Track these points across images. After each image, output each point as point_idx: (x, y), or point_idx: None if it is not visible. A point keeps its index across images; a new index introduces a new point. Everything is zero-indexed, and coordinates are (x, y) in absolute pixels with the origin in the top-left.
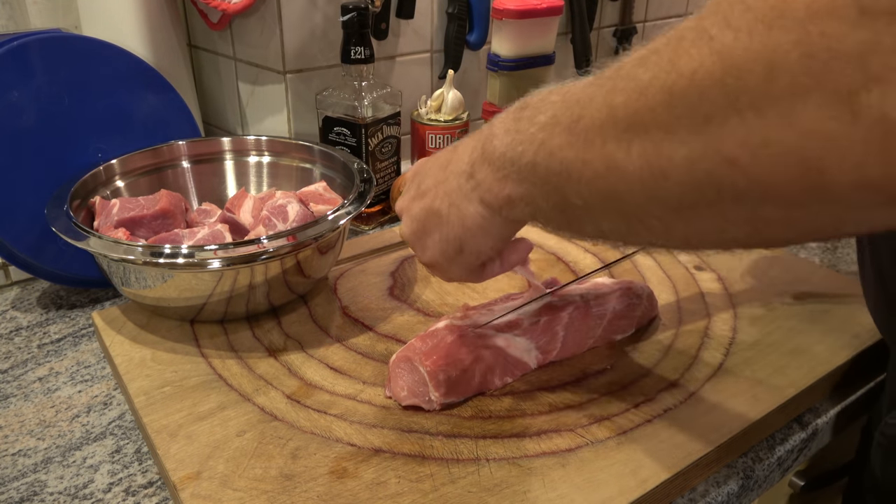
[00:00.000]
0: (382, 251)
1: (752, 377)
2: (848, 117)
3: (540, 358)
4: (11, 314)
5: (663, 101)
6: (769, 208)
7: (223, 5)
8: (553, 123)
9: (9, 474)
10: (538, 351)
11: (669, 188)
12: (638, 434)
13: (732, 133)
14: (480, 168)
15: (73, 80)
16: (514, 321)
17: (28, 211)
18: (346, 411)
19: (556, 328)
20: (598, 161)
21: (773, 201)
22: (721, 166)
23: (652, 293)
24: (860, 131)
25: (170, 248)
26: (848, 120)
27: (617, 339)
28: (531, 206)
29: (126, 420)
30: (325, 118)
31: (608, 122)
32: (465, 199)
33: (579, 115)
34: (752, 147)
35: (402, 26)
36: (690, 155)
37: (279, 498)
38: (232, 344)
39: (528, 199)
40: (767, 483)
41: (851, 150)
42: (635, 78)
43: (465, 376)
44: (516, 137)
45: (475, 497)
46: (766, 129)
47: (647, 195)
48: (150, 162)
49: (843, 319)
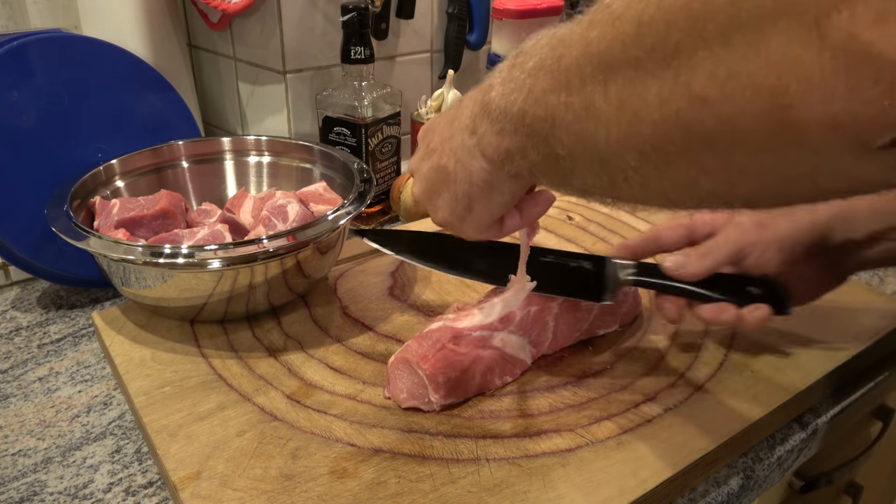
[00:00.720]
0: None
1: (753, 377)
2: (816, 43)
3: (533, 352)
4: (11, 314)
5: (633, 31)
6: (739, 154)
7: (223, 5)
8: (539, 67)
9: (9, 474)
10: (531, 345)
11: (643, 132)
12: (638, 434)
13: (700, 65)
14: (481, 122)
15: (73, 80)
16: (506, 316)
17: (28, 211)
18: (346, 411)
19: (547, 318)
20: (578, 103)
21: (742, 145)
22: (690, 105)
23: (637, 291)
24: (827, 58)
25: (170, 248)
26: (816, 46)
27: (600, 333)
28: (526, 160)
29: (126, 420)
30: (325, 118)
31: (583, 59)
32: (469, 155)
33: (560, 55)
34: (720, 81)
35: (402, 26)
36: (661, 93)
37: (279, 498)
38: (232, 344)
39: (521, 151)
40: (767, 483)
41: (820, 82)
42: (609, 8)
43: (465, 377)
44: (509, 86)
45: (475, 497)
46: (732, 61)
47: (622, 141)
48: (150, 162)
49: (843, 319)
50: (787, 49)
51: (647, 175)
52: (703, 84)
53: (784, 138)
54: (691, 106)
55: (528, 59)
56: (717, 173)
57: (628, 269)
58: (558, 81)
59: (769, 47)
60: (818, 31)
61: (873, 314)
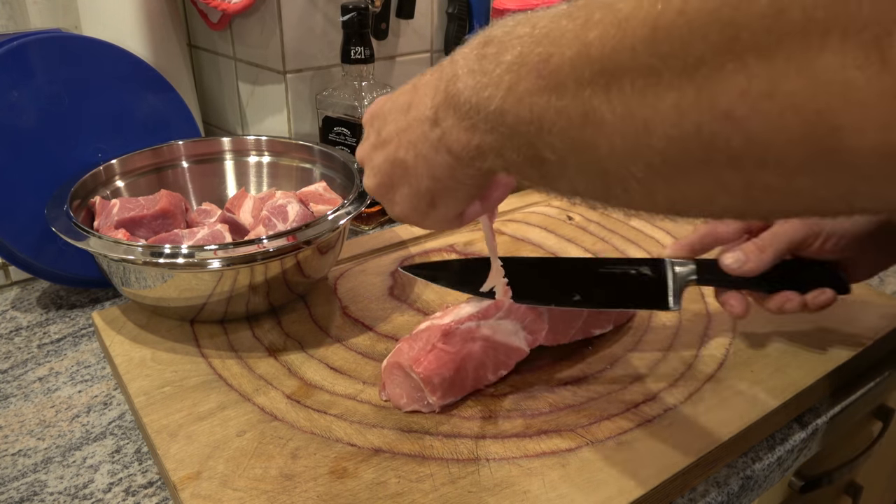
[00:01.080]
0: (382, 251)
1: (753, 377)
2: (875, 66)
3: (529, 339)
4: (11, 314)
5: (646, 37)
6: (769, 174)
7: (223, 5)
8: (520, 63)
9: (9, 474)
10: (525, 332)
11: (653, 144)
12: (638, 434)
13: (729, 80)
14: (445, 115)
15: (73, 80)
16: (494, 304)
17: (28, 211)
18: (346, 411)
19: (540, 308)
20: (573, 109)
21: (774, 165)
22: (714, 120)
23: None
24: (888, 83)
25: (170, 248)
26: (874, 69)
27: (595, 333)
28: (502, 159)
29: (126, 420)
30: (325, 118)
31: (581, 62)
32: (431, 150)
33: (549, 53)
34: (753, 98)
35: (402, 26)
36: (679, 105)
37: (279, 498)
38: (232, 344)
39: (497, 150)
40: (767, 483)
41: (877, 106)
42: (612, 7)
43: (459, 375)
44: (481, 80)
45: (475, 497)
46: (769, 77)
47: (627, 152)
48: (150, 162)
49: (843, 319)
50: (839, 70)
51: (653, 187)
52: (732, 100)
53: (825, 161)
54: (716, 121)
55: (503, 52)
56: (740, 191)
57: (689, 270)
58: (547, 83)
59: (817, 66)
60: (878, 53)
61: (873, 314)
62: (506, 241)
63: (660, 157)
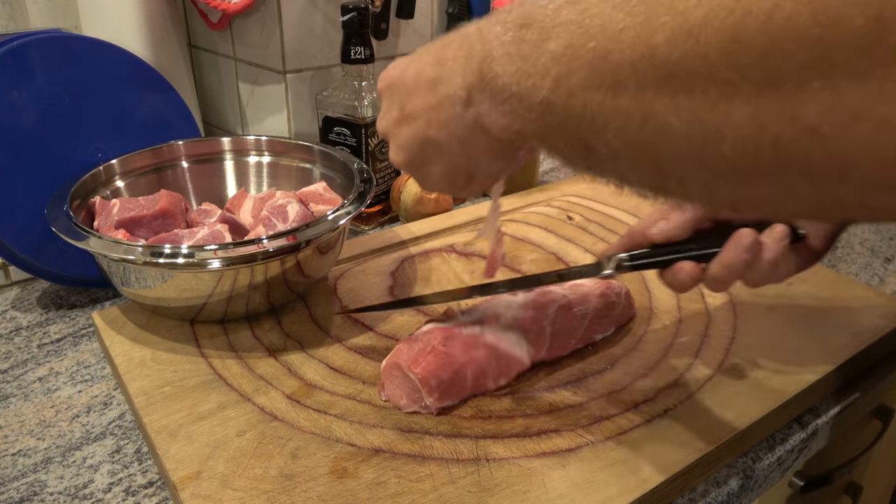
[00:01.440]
0: (382, 251)
1: (752, 377)
2: None
3: (531, 352)
4: (11, 314)
5: (723, 48)
6: (846, 189)
7: (223, 5)
8: (570, 56)
9: (9, 474)
10: (528, 344)
11: (724, 152)
12: (638, 434)
13: (816, 98)
14: (480, 98)
15: (73, 80)
16: (499, 312)
17: (28, 211)
18: (346, 411)
19: (543, 324)
20: (634, 110)
21: (853, 182)
22: (796, 136)
23: (629, 292)
24: None
25: (170, 248)
26: None
27: (598, 338)
28: (546, 143)
29: (126, 420)
30: (325, 118)
31: (645, 66)
32: (467, 130)
33: (606, 50)
34: (840, 118)
35: (402, 26)
36: (756, 117)
37: (279, 498)
38: (232, 344)
39: (541, 136)
40: (767, 483)
41: None
42: (682, 12)
43: (458, 378)
44: (522, 67)
45: (475, 497)
46: (860, 99)
47: (692, 156)
48: (150, 162)
49: (843, 319)
50: None
51: (715, 189)
52: (817, 117)
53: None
54: (796, 136)
55: (546, 39)
56: (809, 200)
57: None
58: (602, 80)
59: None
60: None
61: (873, 314)
62: (506, 241)
63: (728, 164)
